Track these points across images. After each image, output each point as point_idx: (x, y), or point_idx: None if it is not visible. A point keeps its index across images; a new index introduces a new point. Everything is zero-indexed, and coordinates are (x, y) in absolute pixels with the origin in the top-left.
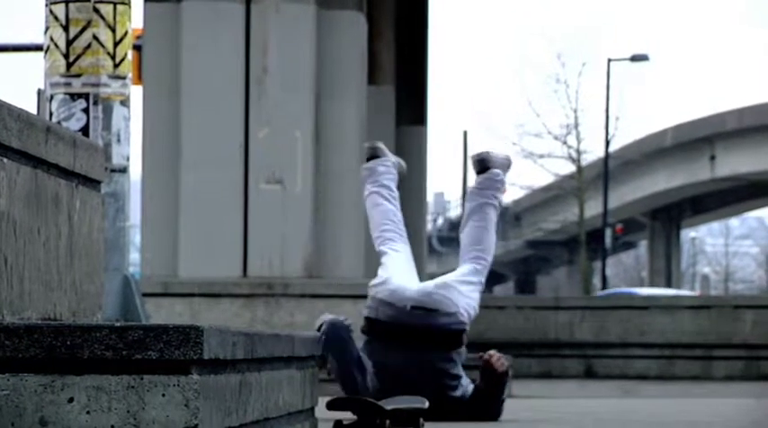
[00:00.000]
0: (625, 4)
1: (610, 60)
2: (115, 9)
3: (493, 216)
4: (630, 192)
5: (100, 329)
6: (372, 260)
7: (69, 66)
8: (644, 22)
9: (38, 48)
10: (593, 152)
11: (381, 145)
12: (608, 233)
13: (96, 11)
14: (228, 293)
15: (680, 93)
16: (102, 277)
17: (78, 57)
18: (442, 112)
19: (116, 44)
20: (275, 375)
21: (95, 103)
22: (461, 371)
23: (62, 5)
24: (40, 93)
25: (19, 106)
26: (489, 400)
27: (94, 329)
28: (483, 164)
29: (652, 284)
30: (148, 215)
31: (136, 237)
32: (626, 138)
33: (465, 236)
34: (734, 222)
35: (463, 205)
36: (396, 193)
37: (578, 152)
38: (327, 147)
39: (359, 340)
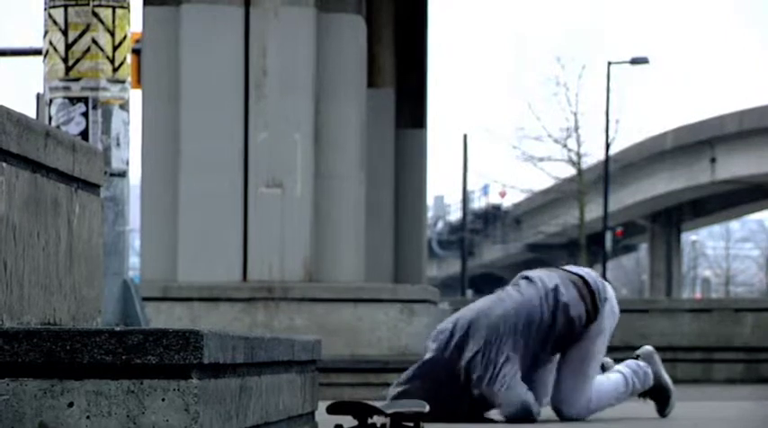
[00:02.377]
0: (625, 7)
1: (610, 63)
2: (114, 13)
3: (621, 386)
4: (631, 195)
5: (99, 334)
6: (372, 263)
7: (68, 70)
8: (644, 25)
9: (37, 52)
10: (594, 155)
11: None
12: (608, 236)
13: (95, 15)
14: (228, 297)
15: (680, 96)
16: (101, 281)
17: (77, 61)
18: (442, 115)
19: (115, 48)
20: (275, 379)
21: (94, 107)
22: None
23: (61, 9)
24: (39, 97)
25: (18, 110)
26: None
27: (94, 334)
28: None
29: (653, 288)
30: (148, 219)
31: (135, 242)
32: (626, 140)
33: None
34: (734, 225)
35: (463, 209)
36: None
37: (578, 155)
38: (327, 151)
39: None
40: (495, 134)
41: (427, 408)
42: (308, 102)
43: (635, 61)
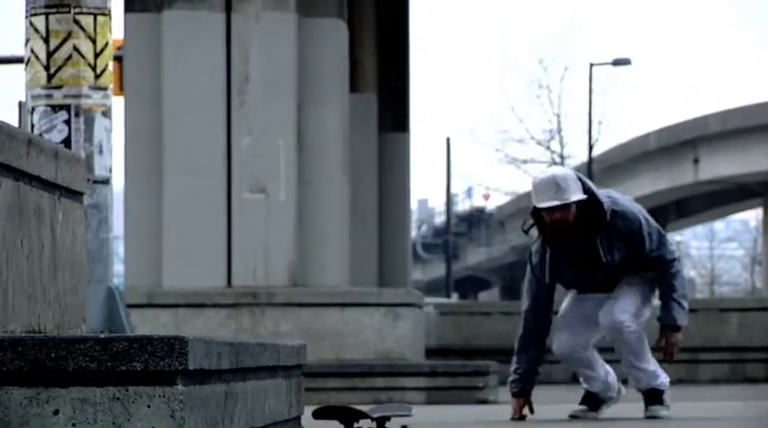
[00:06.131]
0: (606, 9)
1: (592, 65)
2: (95, 20)
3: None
4: None
5: (84, 341)
6: (356, 267)
7: (50, 77)
8: (626, 26)
9: (18, 60)
10: (577, 157)
11: None
12: None
13: (76, 22)
14: (213, 303)
15: (663, 97)
16: (85, 289)
17: (59, 68)
18: (425, 119)
19: (97, 55)
20: (261, 384)
21: (77, 115)
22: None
23: (42, 17)
24: (21, 105)
25: (0, 119)
26: None
27: (79, 341)
28: None
29: None
30: (131, 226)
31: (119, 249)
32: (609, 142)
33: None
34: (719, 225)
35: (447, 212)
36: None
37: (562, 157)
38: (310, 155)
39: None
40: (478, 137)
41: (413, 412)
42: (291, 107)
43: (617, 62)
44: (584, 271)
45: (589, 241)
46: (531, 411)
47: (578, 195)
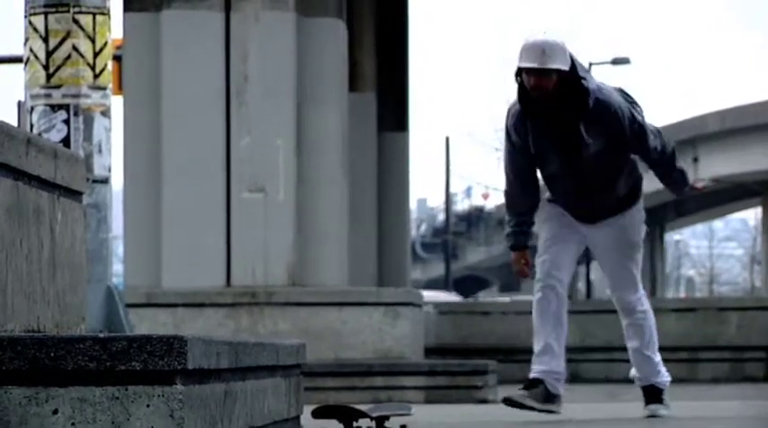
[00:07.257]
0: (605, 8)
1: (591, 64)
2: (94, 19)
3: None
4: None
5: (83, 340)
6: (356, 266)
7: (49, 77)
8: (625, 26)
9: (17, 59)
10: None
11: None
12: None
13: (75, 21)
14: (212, 303)
15: (662, 96)
16: (84, 288)
17: (58, 68)
18: (425, 118)
19: (96, 54)
20: (260, 384)
21: (76, 114)
22: None
23: (41, 17)
24: (20, 104)
25: None
26: None
27: (78, 340)
28: None
29: None
30: (131, 225)
31: (119, 248)
32: None
33: None
34: (718, 224)
35: (446, 211)
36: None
37: None
38: (309, 155)
39: None
40: (477, 136)
41: (413, 411)
42: (290, 107)
43: (616, 61)
44: (565, 152)
45: (571, 123)
46: (528, 265)
47: (561, 65)
